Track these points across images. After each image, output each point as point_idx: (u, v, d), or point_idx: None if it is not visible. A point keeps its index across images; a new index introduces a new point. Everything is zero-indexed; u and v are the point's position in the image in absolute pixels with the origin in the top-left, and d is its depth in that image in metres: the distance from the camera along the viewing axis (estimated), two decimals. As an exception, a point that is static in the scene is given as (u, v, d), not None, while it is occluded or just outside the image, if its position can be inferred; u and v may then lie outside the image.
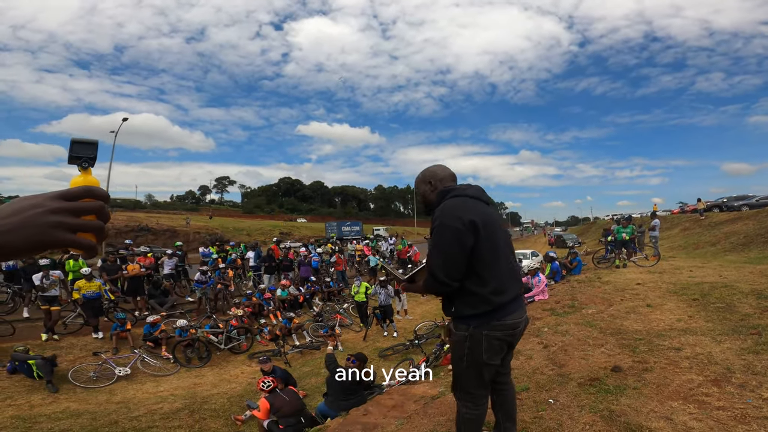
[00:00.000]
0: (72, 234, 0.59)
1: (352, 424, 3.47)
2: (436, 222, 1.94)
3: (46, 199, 0.59)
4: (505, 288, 1.98)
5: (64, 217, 0.59)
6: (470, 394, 2.10)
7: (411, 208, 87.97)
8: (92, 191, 0.64)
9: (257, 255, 14.11)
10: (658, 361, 3.65)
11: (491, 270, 1.94)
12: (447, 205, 1.98)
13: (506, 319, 1.98)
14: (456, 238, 1.88)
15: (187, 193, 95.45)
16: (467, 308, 1.97)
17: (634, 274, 9.50)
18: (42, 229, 0.57)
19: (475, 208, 1.96)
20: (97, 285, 8.91)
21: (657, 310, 5.72)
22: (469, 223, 1.88)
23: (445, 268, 1.89)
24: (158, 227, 29.58)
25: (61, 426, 5.66)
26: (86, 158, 0.73)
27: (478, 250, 1.91)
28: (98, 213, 0.63)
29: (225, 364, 9.02)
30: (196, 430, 5.80)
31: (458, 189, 2.06)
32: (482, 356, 1.99)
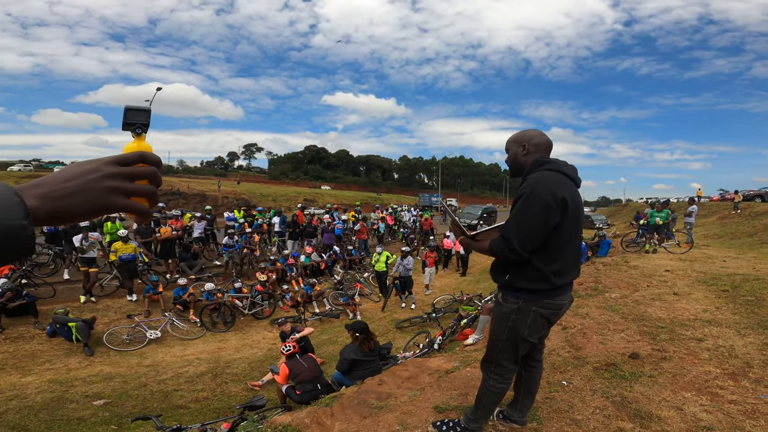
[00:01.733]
0: (127, 198, 0.60)
1: (367, 392, 3.59)
2: (527, 189, 1.90)
3: (102, 164, 0.60)
4: (567, 272, 2.01)
5: (120, 182, 0.59)
6: (501, 367, 2.15)
7: (435, 179, 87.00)
8: (146, 157, 0.64)
9: (282, 221, 14.36)
10: (677, 351, 3.59)
11: (561, 251, 1.95)
12: (544, 176, 1.93)
13: (557, 299, 2.01)
14: (544, 212, 1.86)
15: (216, 159, 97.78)
16: (523, 281, 1.98)
17: (664, 261, 9.19)
18: (100, 193, 0.58)
19: (569, 188, 1.94)
20: (132, 247, 9.25)
21: (683, 298, 5.56)
22: (561, 201, 1.87)
23: (521, 237, 1.88)
24: (189, 191, 30.57)
25: (95, 389, 6.02)
26: (140, 125, 0.73)
27: (558, 229, 1.91)
28: (151, 178, 0.64)
29: (248, 329, 9.35)
30: (217, 394, 6.07)
31: (557, 164, 2.01)
32: (524, 331, 2.02)
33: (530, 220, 1.88)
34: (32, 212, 0.51)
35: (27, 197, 0.52)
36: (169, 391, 6.08)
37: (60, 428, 4.90)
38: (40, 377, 6.47)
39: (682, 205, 23.07)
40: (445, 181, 74.58)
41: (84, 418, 5.15)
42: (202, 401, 5.87)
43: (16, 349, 7.22)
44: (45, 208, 0.53)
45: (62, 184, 0.56)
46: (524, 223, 1.88)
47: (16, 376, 6.48)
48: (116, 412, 5.38)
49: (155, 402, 5.75)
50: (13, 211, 0.49)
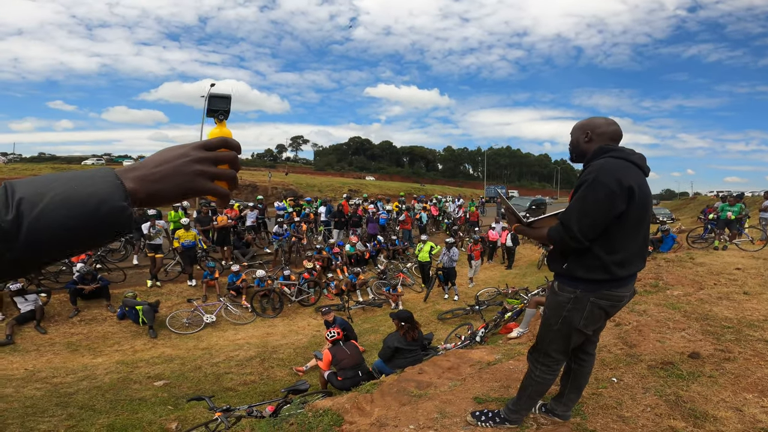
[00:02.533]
0: (211, 182, 0.63)
1: (407, 380, 3.62)
2: (591, 176, 1.86)
3: (190, 149, 0.62)
4: (631, 263, 1.93)
5: (206, 167, 0.62)
6: (549, 357, 2.10)
7: (481, 170, 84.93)
8: (228, 142, 0.67)
9: (328, 210, 14.64)
10: (743, 352, 3.32)
11: (625, 241, 1.89)
12: (609, 162, 1.88)
13: (617, 291, 1.94)
14: (608, 199, 1.80)
15: (265, 152, 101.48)
16: (582, 270, 1.93)
17: (735, 258, 8.42)
18: (189, 177, 0.60)
19: (636, 176, 1.88)
20: (193, 235, 9.82)
21: (754, 298, 5.09)
22: (627, 189, 1.81)
23: (582, 224, 1.83)
24: (241, 182, 31.91)
25: (156, 371, 6.44)
26: (222, 111, 0.77)
27: (622, 218, 1.85)
28: (232, 162, 0.67)
29: (294, 316, 9.65)
30: (264, 377, 6.34)
31: (623, 151, 1.94)
32: (580, 322, 1.97)
33: (593, 207, 1.82)
34: (132, 194, 0.54)
35: (126, 180, 0.55)
36: (221, 374, 6.39)
37: (123, 408, 5.24)
38: (109, 358, 7.00)
39: (757, 199, 20.82)
40: (490, 172, 72.54)
41: (145, 399, 5.51)
42: (249, 384, 6.13)
43: (89, 331, 7.89)
44: (143, 190, 0.57)
45: (156, 168, 0.59)
46: (586, 210, 1.83)
47: (88, 357, 7.06)
48: (173, 393, 5.73)
49: (208, 384, 6.07)
50: (115, 193, 0.52)
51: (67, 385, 5.89)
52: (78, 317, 8.16)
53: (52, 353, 7.09)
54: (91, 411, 5.13)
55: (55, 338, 7.55)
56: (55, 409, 5.13)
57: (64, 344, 7.39)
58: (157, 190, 0.58)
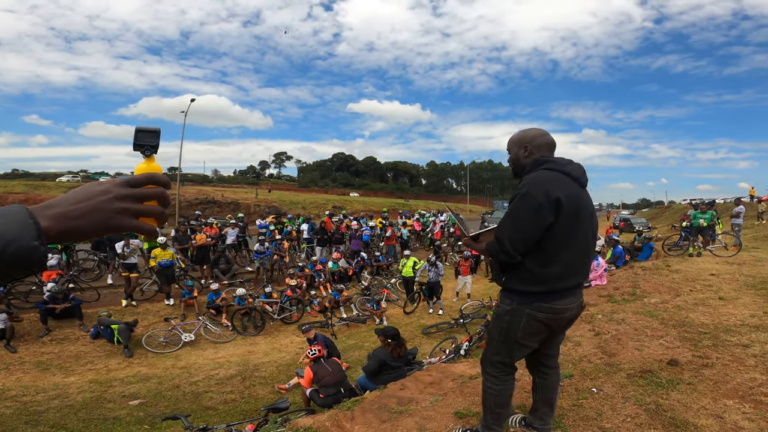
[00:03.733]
0: (135, 219, 0.63)
1: (388, 397, 3.56)
2: (523, 190, 1.87)
3: (113, 185, 0.62)
4: (568, 275, 1.91)
5: (129, 204, 0.62)
6: (495, 367, 2.09)
7: (464, 185, 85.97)
8: (155, 178, 0.67)
9: (311, 227, 14.59)
10: (721, 357, 3.35)
11: (560, 253, 1.87)
12: (538, 176, 1.88)
13: (555, 303, 1.91)
14: (535, 212, 1.80)
15: (248, 168, 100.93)
16: (517, 283, 1.94)
17: (709, 264, 8.63)
18: (109, 214, 0.60)
19: (567, 187, 1.86)
20: (170, 253, 9.66)
21: (730, 303, 5.20)
22: (554, 201, 1.80)
23: (513, 238, 1.84)
24: (223, 200, 31.68)
25: (132, 390, 6.26)
26: (149, 146, 0.75)
27: (553, 231, 1.83)
28: (160, 199, 0.67)
29: (277, 334, 9.52)
30: (245, 396, 6.20)
31: (557, 163, 1.94)
32: (517, 334, 1.96)
33: (522, 221, 1.83)
34: (45, 232, 0.54)
35: (41, 218, 0.54)
36: (200, 393, 6.24)
37: (97, 427, 5.09)
38: (81, 377, 6.78)
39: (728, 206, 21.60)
40: (473, 186, 73.54)
41: (120, 418, 5.35)
42: (230, 403, 5.99)
43: (61, 350, 7.62)
44: (57, 228, 0.56)
45: (75, 205, 0.59)
46: (516, 224, 1.84)
47: (59, 376, 6.81)
48: (150, 412, 5.56)
49: (186, 403, 5.92)
50: (25, 232, 0.51)
51: (37, 404, 5.70)
52: (49, 336, 7.93)
53: (22, 372, 6.85)
54: (62, 430, 5.00)
55: (25, 357, 7.29)
56: (24, 427, 4.97)
57: (35, 363, 7.15)
58: (74, 227, 0.58)
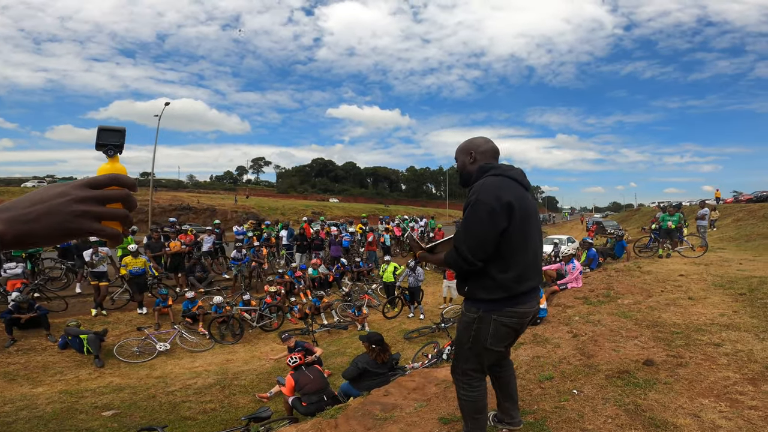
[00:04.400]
0: (97, 223, 0.59)
1: (372, 403, 3.52)
2: (473, 197, 1.90)
3: (72, 187, 0.59)
4: (527, 277, 1.94)
5: (89, 206, 0.58)
6: (467, 375, 2.11)
7: (443, 189, 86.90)
8: (118, 179, 0.63)
9: (290, 234, 14.44)
10: (694, 357, 3.46)
11: (516, 257, 1.90)
12: (487, 182, 1.93)
13: (518, 307, 1.96)
14: (490, 218, 1.84)
15: (225, 174, 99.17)
16: (481, 291, 1.96)
17: (678, 265, 8.99)
18: (67, 217, 0.56)
19: (514, 191, 1.91)
20: (142, 261, 9.40)
21: (699, 303, 5.41)
22: (506, 205, 1.84)
23: (471, 246, 1.87)
24: (199, 206, 30.94)
25: (104, 400, 6.04)
26: (111, 146, 0.71)
27: (508, 235, 1.87)
28: (124, 201, 0.63)
29: (256, 341, 9.37)
30: (225, 405, 6.05)
31: (501, 168, 2.00)
32: (486, 341, 1.98)
33: (478, 228, 1.86)
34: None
35: None
36: (178, 403, 6.08)
37: None
38: (50, 388, 6.52)
39: (694, 208, 22.62)
40: (452, 191, 74.29)
41: (93, 429, 5.17)
42: (209, 413, 5.84)
43: (27, 361, 7.30)
44: (11, 233, 0.53)
45: (29, 208, 0.55)
46: (472, 232, 1.87)
47: (27, 387, 6.53)
48: (124, 423, 5.38)
49: (163, 413, 5.75)
50: None
51: (5, 415, 5.48)
52: (15, 347, 7.60)
53: (-13, 382, 6.53)
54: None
55: (-11, 367, 6.97)
56: (-8, 438, 4.73)
57: (0, 374, 6.86)
58: (28, 231, 0.55)
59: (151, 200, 24.21)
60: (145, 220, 23.13)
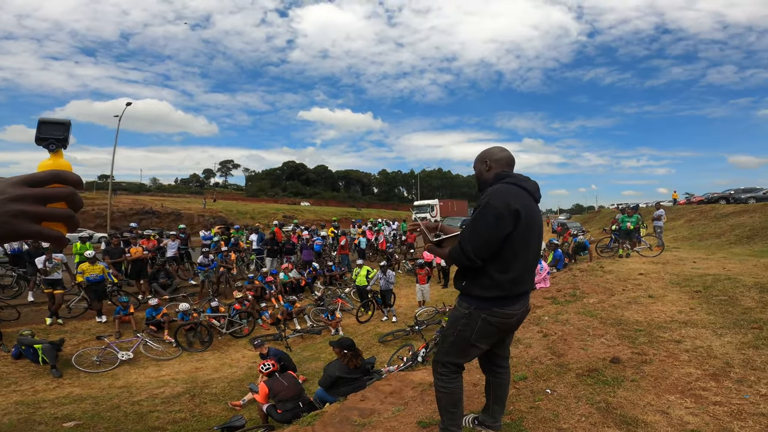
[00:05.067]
0: (35, 224, 0.53)
1: (349, 409, 3.47)
2: (484, 200, 2.01)
3: (7, 185, 0.53)
4: (521, 281, 2.07)
5: (27, 205, 0.53)
6: (445, 367, 2.18)
7: (415, 192, 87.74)
8: (61, 176, 0.57)
9: (260, 238, 14.15)
10: (657, 354, 3.62)
11: (515, 261, 2.01)
12: (500, 188, 2.03)
13: (507, 309, 2.06)
14: (497, 221, 1.94)
15: (191, 177, 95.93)
16: (477, 289, 2.06)
17: (637, 264, 9.44)
18: (2, 218, 0.51)
19: (523, 200, 2.02)
20: (100, 268, 8.99)
21: (659, 301, 5.68)
22: (514, 212, 1.94)
23: (475, 245, 1.97)
24: (163, 210, 29.68)
25: (64, 411, 5.73)
26: (54, 140, 0.65)
27: (511, 240, 1.98)
28: (68, 200, 0.57)
29: (226, 348, 9.13)
30: (196, 414, 5.86)
31: (516, 177, 2.11)
32: (472, 336, 2.08)
33: (484, 229, 1.96)
34: None
35: None
36: (144, 413, 5.84)
37: None
38: (5, 399, 6.12)
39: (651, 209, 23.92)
40: (423, 193, 75.17)
41: None
42: (180, 422, 5.63)
43: None
44: None
45: None
46: (478, 232, 1.97)
47: None
48: None
49: (129, 424, 5.49)
50: None
51: None
52: None
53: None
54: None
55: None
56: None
57: None
58: None
59: (110, 204, 23.03)
60: (103, 225, 21.98)
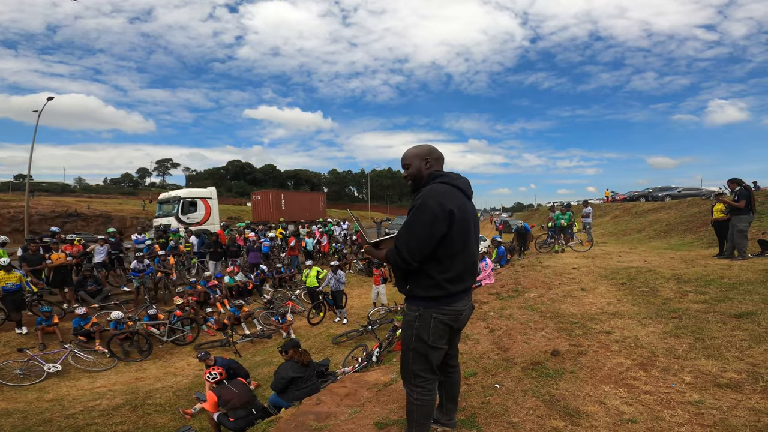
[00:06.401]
0: None
1: (305, 414, 3.41)
2: (418, 201, 1.98)
3: None
4: (462, 278, 2.09)
5: None
6: (419, 377, 2.14)
7: (365, 192, 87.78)
8: None
9: (201, 241, 13.47)
10: (591, 345, 3.89)
11: (454, 260, 2.03)
12: (435, 189, 2.00)
13: (454, 305, 2.09)
14: (431, 223, 1.93)
15: (123, 176, 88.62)
16: (420, 290, 2.06)
17: (570, 259, 10.11)
18: None
19: (457, 200, 2.01)
20: (17, 276, 8.15)
21: (590, 293, 6.12)
22: (448, 213, 1.94)
23: (410, 248, 1.96)
24: (90, 212, 27.15)
25: None
26: None
27: (447, 240, 1.98)
28: None
29: (169, 357, 8.63)
30: (140, 426, 5.52)
31: (449, 177, 2.10)
32: (429, 338, 2.07)
33: (419, 231, 1.95)
34: None
35: None
36: (81, 426, 5.45)
37: None
38: None
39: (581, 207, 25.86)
40: (374, 193, 75.42)
41: None
42: None
43: None
44: None
45: None
46: (413, 234, 1.96)
47: None
48: None
49: None
50: None
51: None
52: None
53: None
54: None
55: None
56: None
57: None
58: None
59: (27, 206, 20.67)
60: (20, 230, 19.70)
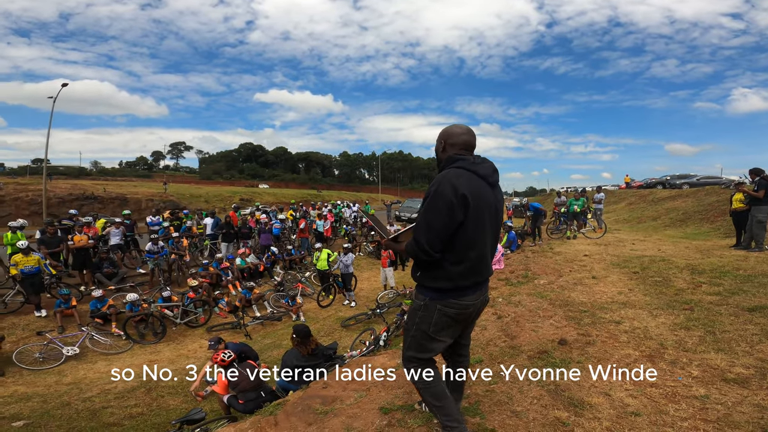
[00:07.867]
0: None
1: (311, 397, 3.47)
2: (432, 188, 1.89)
3: None
4: (475, 272, 1.99)
5: None
6: (411, 362, 2.13)
7: (376, 174, 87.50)
8: None
9: (215, 223, 13.62)
10: (599, 335, 3.85)
11: (471, 250, 1.94)
12: (449, 173, 1.91)
13: (462, 300, 2.00)
14: (447, 209, 1.84)
15: (138, 159, 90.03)
16: (429, 280, 2.00)
17: (582, 246, 9.98)
18: None
19: (474, 185, 1.90)
20: (35, 259, 8.33)
21: (601, 282, 6.03)
22: (461, 197, 1.84)
23: (429, 237, 1.87)
24: (106, 195, 27.66)
25: (11, 410, 5.42)
26: None
27: (464, 228, 1.88)
28: None
29: (182, 339, 8.81)
30: (153, 408, 5.66)
31: (467, 161, 1.96)
32: (429, 328, 2.03)
33: (435, 219, 1.87)
34: None
35: None
36: (97, 409, 5.60)
37: None
38: None
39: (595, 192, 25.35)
40: (385, 176, 75.21)
41: None
42: (137, 417, 5.44)
43: None
44: None
45: None
46: (430, 223, 1.88)
47: None
48: None
49: (83, 421, 5.26)
50: None
51: None
52: None
53: None
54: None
55: None
56: None
57: None
58: None
59: (45, 189, 21.14)
60: (39, 213, 20.21)
